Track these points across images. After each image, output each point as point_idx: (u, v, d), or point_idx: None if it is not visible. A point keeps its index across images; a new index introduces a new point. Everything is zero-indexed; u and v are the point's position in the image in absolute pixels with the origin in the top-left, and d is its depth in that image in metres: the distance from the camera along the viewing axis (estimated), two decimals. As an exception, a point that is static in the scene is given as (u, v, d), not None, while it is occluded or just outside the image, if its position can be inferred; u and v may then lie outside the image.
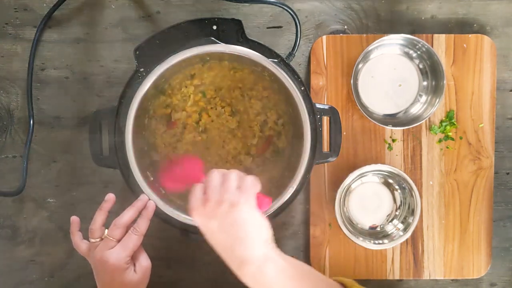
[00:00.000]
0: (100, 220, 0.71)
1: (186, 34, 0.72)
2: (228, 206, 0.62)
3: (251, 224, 0.62)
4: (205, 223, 0.63)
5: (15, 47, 0.85)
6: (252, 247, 0.61)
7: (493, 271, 0.89)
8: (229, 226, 0.61)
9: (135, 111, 0.71)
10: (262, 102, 0.79)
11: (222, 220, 0.62)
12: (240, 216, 0.62)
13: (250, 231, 0.61)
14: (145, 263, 0.71)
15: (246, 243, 0.61)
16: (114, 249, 0.68)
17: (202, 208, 0.63)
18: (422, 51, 0.83)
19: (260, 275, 0.60)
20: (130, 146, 0.71)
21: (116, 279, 0.68)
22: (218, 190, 0.63)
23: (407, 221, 0.84)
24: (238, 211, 0.62)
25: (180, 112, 0.78)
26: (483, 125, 0.86)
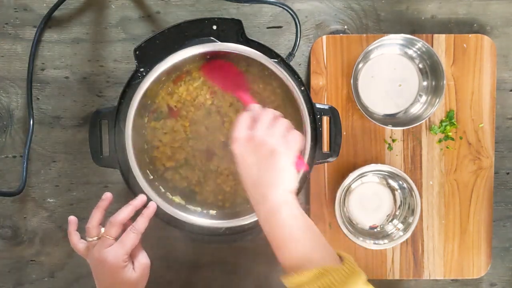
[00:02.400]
0: (97, 218, 0.71)
1: (186, 34, 0.73)
2: (269, 150, 0.64)
3: (283, 173, 0.65)
4: (242, 155, 0.66)
5: (15, 47, 0.85)
6: (276, 190, 0.64)
7: (493, 271, 0.89)
8: (263, 167, 0.65)
9: (135, 111, 0.71)
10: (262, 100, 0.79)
11: (259, 159, 0.65)
12: (277, 163, 0.64)
13: (280, 178, 0.65)
14: (144, 261, 0.71)
15: (272, 185, 0.64)
16: (112, 247, 0.68)
17: (244, 142, 0.65)
18: (422, 51, 0.83)
19: (272, 215, 0.63)
20: (130, 146, 0.71)
21: (114, 277, 0.68)
22: (266, 131, 0.65)
23: (407, 221, 0.84)
24: (277, 158, 0.64)
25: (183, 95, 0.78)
26: (483, 125, 0.86)
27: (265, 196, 0.64)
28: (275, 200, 0.64)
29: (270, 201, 0.63)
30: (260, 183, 0.65)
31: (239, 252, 0.87)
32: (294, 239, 0.63)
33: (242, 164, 0.66)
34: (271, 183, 0.64)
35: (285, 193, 0.64)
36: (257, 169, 0.65)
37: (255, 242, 0.86)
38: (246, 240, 0.81)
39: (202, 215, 0.76)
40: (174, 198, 0.78)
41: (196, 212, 0.77)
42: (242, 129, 0.66)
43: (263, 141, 0.65)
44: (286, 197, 0.64)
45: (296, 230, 0.63)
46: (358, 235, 0.84)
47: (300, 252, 0.62)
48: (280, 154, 0.64)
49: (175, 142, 0.79)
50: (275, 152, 0.64)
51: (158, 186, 0.77)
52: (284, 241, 0.63)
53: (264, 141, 0.65)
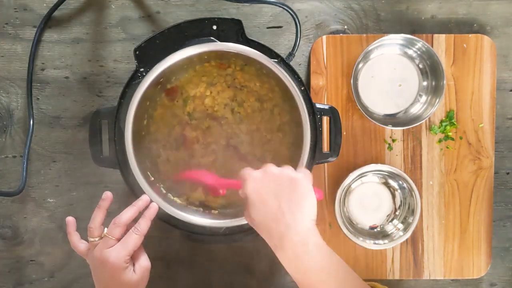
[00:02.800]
0: (99, 218, 0.70)
1: (186, 34, 0.73)
2: (288, 178, 0.63)
3: (306, 198, 0.63)
4: (258, 191, 0.63)
5: (15, 47, 0.85)
6: (302, 219, 0.61)
7: (493, 271, 0.89)
8: (284, 196, 0.62)
9: (135, 111, 0.71)
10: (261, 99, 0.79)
11: (278, 189, 0.62)
12: (299, 188, 0.62)
13: (305, 204, 0.62)
14: (145, 263, 0.71)
15: (297, 212, 0.61)
16: (114, 247, 0.68)
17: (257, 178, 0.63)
18: (422, 51, 0.83)
19: (301, 247, 0.61)
20: (130, 146, 0.71)
21: (115, 278, 0.68)
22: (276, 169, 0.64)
23: (407, 221, 0.84)
24: (299, 184, 0.62)
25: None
26: (483, 125, 0.86)
27: (291, 225, 0.61)
28: (301, 230, 0.61)
29: (297, 233, 0.61)
30: (283, 214, 0.61)
31: (239, 252, 0.87)
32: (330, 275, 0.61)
33: (258, 200, 0.63)
34: (296, 210, 0.61)
35: (309, 223, 0.62)
36: (276, 201, 0.62)
37: (255, 242, 0.86)
38: (246, 240, 0.81)
39: (203, 215, 0.76)
40: (176, 199, 0.77)
41: (198, 212, 0.77)
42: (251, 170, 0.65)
43: (279, 173, 0.63)
44: (311, 227, 0.62)
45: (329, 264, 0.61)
46: (358, 235, 0.84)
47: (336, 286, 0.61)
48: (300, 179, 0.63)
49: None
50: (295, 179, 0.62)
51: (159, 187, 0.77)
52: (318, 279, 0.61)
53: (280, 172, 0.63)
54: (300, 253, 0.61)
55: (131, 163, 0.72)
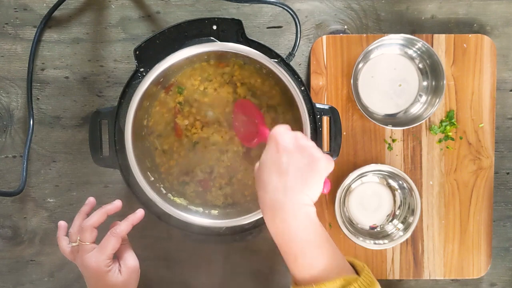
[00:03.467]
0: (78, 223, 0.71)
1: (186, 34, 0.73)
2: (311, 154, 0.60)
3: (316, 180, 0.60)
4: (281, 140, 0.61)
5: (15, 47, 0.85)
6: (303, 192, 0.60)
7: (493, 271, 0.89)
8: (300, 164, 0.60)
9: (135, 111, 0.71)
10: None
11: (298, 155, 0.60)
12: (316, 167, 0.60)
13: (312, 184, 0.60)
14: (131, 263, 0.70)
15: (301, 185, 0.59)
16: (92, 252, 0.68)
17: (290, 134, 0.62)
18: (422, 51, 0.83)
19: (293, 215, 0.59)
20: (130, 146, 0.71)
21: (100, 281, 0.68)
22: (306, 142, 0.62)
23: (407, 221, 0.84)
24: (318, 164, 0.60)
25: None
26: (483, 125, 0.86)
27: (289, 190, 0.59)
28: (299, 199, 0.59)
29: (294, 198, 0.59)
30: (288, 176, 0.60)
31: (239, 252, 0.87)
32: (316, 246, 0.59)
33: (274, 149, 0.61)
34: (301, 182, 0.60)
35: (309, 199, 0.61)
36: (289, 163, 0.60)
37: (255, 242, 0.86)
38: (246, 240, 0.81)
39: (203, 215, 0.76)
40: (176, 199, 0.77)
41: (198, 212, 0.77)
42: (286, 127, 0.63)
43: (305, 144, 0.61)
44: (310, 202, 0.61)
45: (317, 237, 0.60)
46: (358, 235, 0.84)
47: (321, 261, 0.59)
48: (320, 159, 0.60)
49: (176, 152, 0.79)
50: (316, 156, 0.60)
51: (159, 187, 0.77)
52: (303, 248, 0.59)
53: (307, 144, 0.61)
54: (287, 220, 0.59)
55: (131, 163, 0.72)
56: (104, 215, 0.71)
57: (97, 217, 0.70)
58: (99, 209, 0.71)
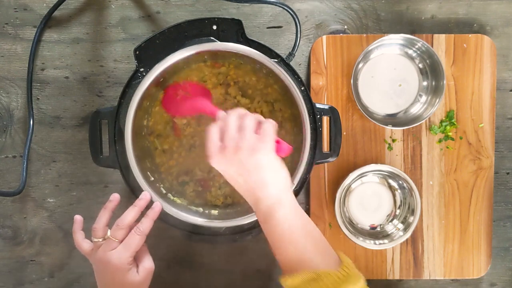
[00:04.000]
0: (104, 219, 0.70)
1: (186, 34, 0.73)
2: (246, 152, 0.63)
3: (269, 170, 0.64)
4: (225, 169, 0.65)
5: (15, 47, 0.85)
6: (267, 190, 0.63)
7: (493, 271, 0.89)
8: (247, 171, 0.63)
9: (135, 111, 0.71)
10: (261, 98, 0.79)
11: (241, 165, 0.63)
12: (258, 162, 0.63)
13: (268, 176, 0.63)
14: (148, 265, 0.70)
15: (262, 187, 0.63)
16: (116, 249, 0.68)
17: (220, 155, 0.64)
18: (422, 51, 0.83)
19: (268, 216, 0.62)
20: (130, 146, 0.71)
21: (117, 279, 0.68)
22: (235, 136, 0.64)
23: (407, 221, 0.84)
24: (257, 157, 0.63)
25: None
26: (483, 125, 0.86)
27: (258, 199, 0.63)
28: (268, 201, 0.63)
29: (264, 203, 0.63)
30: (251, 188, 0.64)
31: (239, 252, 0.87)
32: (290, 240, 0.62)
33: (228, 176, 0.65)
34: (260, 184, 0.63)
35: (279, 193, 0.63)
36: (243, 176, 0.64)
37: (255, 242, 0.86)
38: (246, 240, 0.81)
39: (203, 215, 0.76)
40: (176, 199, 0.77)
41: (198, 212, 0.77)
42: (213, 143, 0.65)
43: (236, 147, 0.63)
44: (281, 196, 0.63)
45: (293, 231, 0.62)
46: (358, 235, 0.84)
47: (295, 253, 0.62)
48: (257, 152, 0.63)
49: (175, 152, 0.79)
50: (253, 152, 0.63)
51: (159, 187, 0.77)
52: (280, 242, 0.62)
53: (237, 146, 0.63)
54: (269, 222, 0.62)
55: (131, 163, 0.72)
56: (138, 212, 0.70)
57: (132, 216, 0.70)
58: (132, 206, 0.70)
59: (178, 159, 0.79)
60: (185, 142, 0.79)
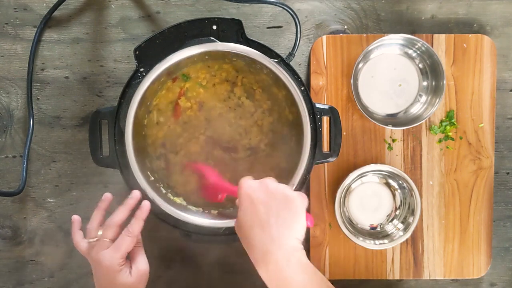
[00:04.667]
0: (97, 219, 0.71)
1: (186, 34, 0.73)
2: (283, 195, 0.62)
3: (298, 217, 0.62)
4: (252, 194, 0.63)
5: (15, 47, 0.85)
6: (289, 235, 0.61)
7: (493, 271, 0.89)
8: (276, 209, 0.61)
9: (135, 111, 0.71)
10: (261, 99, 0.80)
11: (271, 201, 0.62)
12: (292, 206, 0.62)
13: (295, 222, 0.61)
14: (142, 267, 0.70)
15: (285, 229, 0.61)
16: (108, 250, 0.68)
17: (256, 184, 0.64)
18: (422, 51, 0.83)
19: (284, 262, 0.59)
20: (130, 146, 0.71)
21: (110, 280, 0.68)
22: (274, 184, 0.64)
23: (407, 221, 0.84)
24: (293, 202, 0.62)
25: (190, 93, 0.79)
26: (483, 125, 0.86)
27: (276, 239, 0.60)
28: (288, 245, 0.60)
29: (284, 245, 0.60)
30: (270, 226, 0.61)
31: (239, 252, 0.87)
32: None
33: (249, 207, 0.62)
34: (284, 226, 0.61)
35: (297, 241, 0.61)
36: (267, 212, 0.61)
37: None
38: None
39: (203, 215, 0.76)
40: (176, 199, 0.77)
41: (198, 212, 0.77)
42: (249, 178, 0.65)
43: (275, 187, 0.63)
44: (299, 244, 0.61)
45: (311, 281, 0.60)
46: (358, 235, 0.84)
47: None
48: (295, 198, 0.62)
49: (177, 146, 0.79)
50: (290, 196, 0.62)
51: (159, 187, 0.77)
52: None
53: (276, 187, 0.63)
54: (282, 269, 0.60)
55: (131, 163, 0.72)
56: (128, 211, 0.71)
57: (122, 215, 0.70)
58: (121, 205, 0.71)
59: (167, 131, 0.79)
60: (181, 120, 0.79)
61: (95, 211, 0.71)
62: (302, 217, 0.62)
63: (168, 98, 0.79)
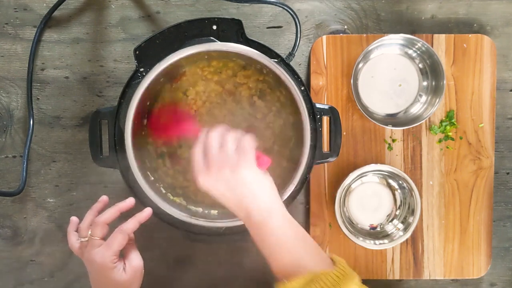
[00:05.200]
0: (89, 219, 0.71)
1: (186, 34, 0.73)
2: (229, 169, 0.65)
3: (254, 183, 0.66)
4: (212, 187, 0.66)
5: (15, 47, 0.85)
6: (255, 203, 0.65)
7: (493, 271, 0.89)
8: (234, 188, 0.65)
9: (135, 111, 0.71)
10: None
11: (226, 182, 0.65)
12: (242, 177, 0.65)
13: (254, 189, 0.65)
14: (136, 263, 0.70)
15: (249, 201, 0.65)
16: (99, 248, 0.68)
17: (205, 175, 0.66)
18: (422, 51, 0.83)
19: (259, 228, 0.64)
20: (130, 146, 0.71)
21: (104, 278, 0.68)
22: (218, 154, 0.66)
23: (407, 221, 0.84)
24: (239, 173, 0.65)
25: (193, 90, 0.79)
26: (483, 125, 0.86)
27: (249, 212, 0.64)
28: (259, 212, 0.64)
29: (255, 214, 0.64)
30: (239, 203, 0.65)
31: (239, 252, 0.87)
32: (283, 248, 0.63)
33: (217, 195, 0.67)
34: (249, 198, 0.65)
35: (268, 203, 0.65)
36: (230, 191, 0.65)
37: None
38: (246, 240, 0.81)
39: (203, 215, 0.76)
40: (175, 199, 0.77)
41: (198, 212, 0.77)
42: (197, 163, 0.67)
43: (219, 165, 0.65)
44: (271, 206, 0.65)
45: (285, 239, 0.64)
46: (358, 235, 0.84)
47: (290, 260, 0.63)
48: (240, 168, 0.65)
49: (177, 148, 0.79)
50: (235, 169, 0.65)
51: (159, 187, 0.77)
52: (274, 251, 0.64)
53: (220, 164, 0.65)
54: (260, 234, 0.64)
55: (131, 163, 0.72)
56: (117, 212, 0.71)
57: (110, 214, 0.70)
58: (112, 206, 0.71)
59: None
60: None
61: (88, 211, 0.72)
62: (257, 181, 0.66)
63: (169, 98, 0.79)
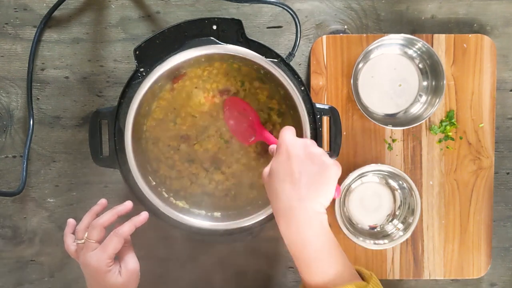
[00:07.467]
0: (86, 222, 0.71)
1: (186, 34, 0.72)
2: (321, 160, 0.62)
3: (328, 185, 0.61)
4: (292, 150, 0.62)
5: (15, 47, 0.85)
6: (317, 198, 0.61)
7: (493, 271, 0.89)
8: (310, 172, 0.61)
9: (135, 111, 0.71)
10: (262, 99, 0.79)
11: (309, 162, 0.61)
12: (327, 173, 0.61)
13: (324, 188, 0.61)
14: (132, 266, 0.70)
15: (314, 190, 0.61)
16: (95, 251, 0.68)
17: (299, 142, 0.63)
18: (422, 51, 0.83)
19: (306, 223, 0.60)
20: (130, 146, 0.71)
21: (99, 281, 0.68)
22: (316, 149, 0.63)
23: (407, 221, 0.84)
24: (328, 170, 0.61)
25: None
26: (483, 125, 0.86)
27: (303, 199, 0.60)
28: (313, 207, 0.61)
29: (308, 207, 0.60)
30: (300, 185, 0.60)
31: (239, 252, 0.87)
32: (328, 254, 0.61)
33: (286, 159, 0.62)
34: (313, 189, 0.61)
35: (322, 206, 0.62)
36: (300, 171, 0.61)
37: (256, 242, 0.86)
38: (246, 240, 0.81)
39: (206, 218, 0.76)
40: (178, 203, 0.77)
41: (201, 215, 0.77)
42: (293, 133, 0.65)
43: (316, 152, 0.62)
44: (323, 210, 0.62)
45: (330, 245, 0.61)
46: (358, 235, 0.84)
47: (333, 268, 0.61)
48: (331, 166, 0.61)
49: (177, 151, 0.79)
50: (326, 163, 0.62)
51: (161, 191, 0.77)
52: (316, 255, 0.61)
53: (317, 151, 0.62)
54: (303, 229, 0.60)
55: (130, 163, 0.72)
56: (115, 215, 0.71)
57: (107, 217, 0.70)
58: (110, 209, 0.71)
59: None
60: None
61: (86, 214, 0.72)
62: (332, 185, 0.62)
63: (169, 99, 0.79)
